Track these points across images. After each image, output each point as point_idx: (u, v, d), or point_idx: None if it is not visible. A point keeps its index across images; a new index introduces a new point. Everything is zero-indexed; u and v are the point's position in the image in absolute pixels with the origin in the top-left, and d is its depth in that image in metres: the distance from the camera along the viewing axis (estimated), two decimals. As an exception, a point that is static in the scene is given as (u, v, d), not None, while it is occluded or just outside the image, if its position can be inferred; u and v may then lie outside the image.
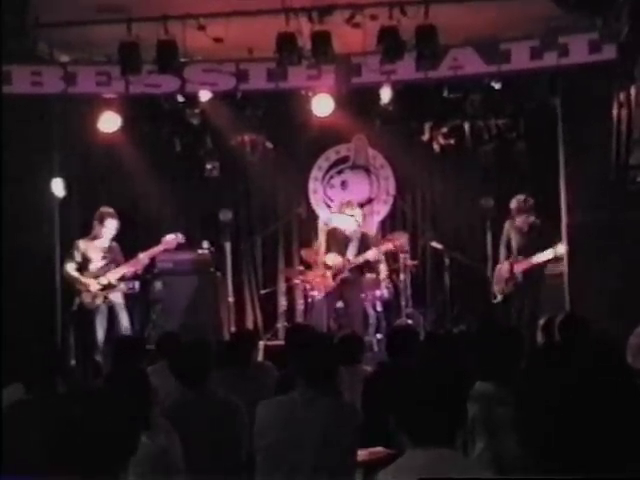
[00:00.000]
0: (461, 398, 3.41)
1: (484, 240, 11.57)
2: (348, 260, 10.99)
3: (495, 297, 10.90)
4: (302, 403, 4.84)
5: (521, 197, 10.72)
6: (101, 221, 10.65)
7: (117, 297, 10.68)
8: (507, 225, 10.89)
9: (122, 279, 10.72)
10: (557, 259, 10.57)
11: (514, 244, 10.78)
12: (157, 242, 10.99)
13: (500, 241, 11.01)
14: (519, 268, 10.65)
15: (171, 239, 10.94)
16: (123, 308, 10.71)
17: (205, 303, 11.68)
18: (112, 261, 10.66)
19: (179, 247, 11.22)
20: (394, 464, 3.28)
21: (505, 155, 12.49)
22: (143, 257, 10.79)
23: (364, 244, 11.07)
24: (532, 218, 10.64)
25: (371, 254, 11.02)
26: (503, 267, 10.81)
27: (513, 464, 4.19)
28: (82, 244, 10.65)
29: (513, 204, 10.72)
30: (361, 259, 11.02)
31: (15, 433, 4.39)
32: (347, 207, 11.38)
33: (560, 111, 10.66)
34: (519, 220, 10.65)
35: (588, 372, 2.16)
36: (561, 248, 10.41)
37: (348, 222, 11.15)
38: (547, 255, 10.54)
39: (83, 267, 10.58)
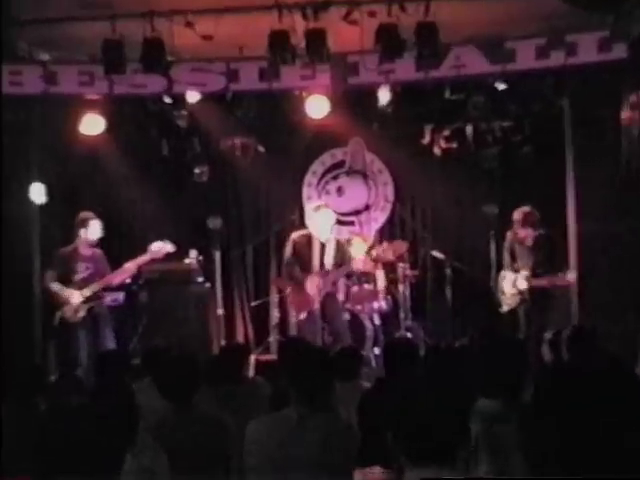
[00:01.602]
0: (463, 416, 3.43)
1: (488, 249, 11.57)
2: (327, 273, 10.84)
3: (500, 306, 10.86)
4: (296, 421, 4.85)
5: (526, 209, 10.53)
6: (84, 225, 10.59)
7: (101, 309, 10.66)
8: (509, 236, 10.84)
9: (106, 290, 10.70)
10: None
11: (518, 258, 10.73)
12: (143, 251, 10.89)
13: (503, 251, 10.98)
14: (522, 286, 10.57)
15: (158, 248, 10.80)
16: (107, 321, 10.69)
17: (193, 315, 11.67)
18: (96, 271, 10.62)
19: (166, 256, 11.18)
20: (392, 485, 3.29)
21: (510, 159, 12.50)
22: (129, 267, 10.73)
23: (340, 252, 10.92)
24: (538, 232, 10.54)
25: (355, 264, 10.94)
26: (507, 279, 10.78)
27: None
28: (64, 254, 10.62)
29: (516, 215, 10.58)
30: (343, 271, 10.98)
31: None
32: (321, 209, 11.23)
33: (568, 113, 10.72)
34: (522, 232, 10.55)
35: (598, 390, 2.17)
36: (571, 275, 10.32)
37: (324, 225, 10.94)
38: (553, 280, 10.40)
39: (65, 278, 10.53)
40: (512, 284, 10.62)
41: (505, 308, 10.78)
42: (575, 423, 2.14)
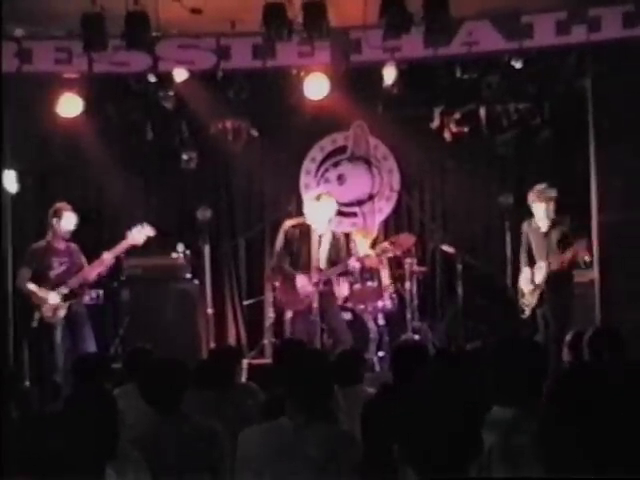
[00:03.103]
0: (476, 425, 3.42)
1: (503, 243, 11.58)
2: (320, 270, 10.80)
3: (523, 312, 10.83)
4: (292, 430, 4.85)
5: (540, 186, 10.53)
6: (58, 215, 10.58)
7: (80, 308, 10.66)
8: (524, 227, 10.79)
9: (84, 286, 10.69)
10: (581, 260, 10.51)
11: (535, 249, 10.71)
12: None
13: (520, 247, 10.95)
14: (539, 277, 10.57)
15: (138, 232, 10.74)
16: (86, 321, 10.69)
17: (180, 315, 11.68)
18: (72, 266, 10.62)
19: (149, 249, 11.15)
20: (398, 501, 3.29)
21: (527, 145, 12.51)
22: (107, 257, 10.69)
23: (335, 248, 10.88)
24: (553, 212, 10.55)
25: (352, 263, 10.93)
26: (525, 278, 10.77)
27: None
28: (37, 249, 10.61)
29: (531, 196, 10.58)
30: (338, 270, 10.93)
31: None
32: (322, 197, 11.14)
33: (590, 94, 10.69)
34: (537, 208, 10.51)
35: (624, 396, 2.17)
36: (583, 242, 10.34)
37: (323, 216, 10.90)
38: (567, 255, 10.40)
39: (40, 276, 10.52)
40: (529, 281, 10.62)
41: (527, 312, 10.75)
42: (599, 432, 2.13)
